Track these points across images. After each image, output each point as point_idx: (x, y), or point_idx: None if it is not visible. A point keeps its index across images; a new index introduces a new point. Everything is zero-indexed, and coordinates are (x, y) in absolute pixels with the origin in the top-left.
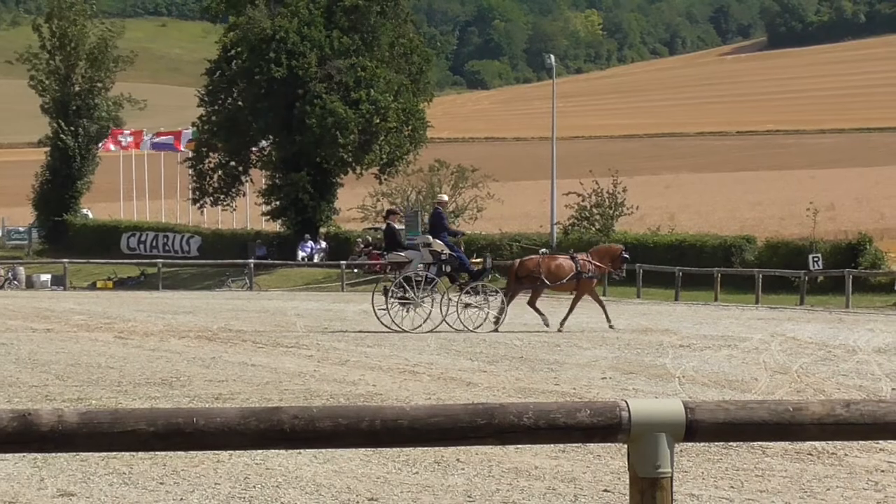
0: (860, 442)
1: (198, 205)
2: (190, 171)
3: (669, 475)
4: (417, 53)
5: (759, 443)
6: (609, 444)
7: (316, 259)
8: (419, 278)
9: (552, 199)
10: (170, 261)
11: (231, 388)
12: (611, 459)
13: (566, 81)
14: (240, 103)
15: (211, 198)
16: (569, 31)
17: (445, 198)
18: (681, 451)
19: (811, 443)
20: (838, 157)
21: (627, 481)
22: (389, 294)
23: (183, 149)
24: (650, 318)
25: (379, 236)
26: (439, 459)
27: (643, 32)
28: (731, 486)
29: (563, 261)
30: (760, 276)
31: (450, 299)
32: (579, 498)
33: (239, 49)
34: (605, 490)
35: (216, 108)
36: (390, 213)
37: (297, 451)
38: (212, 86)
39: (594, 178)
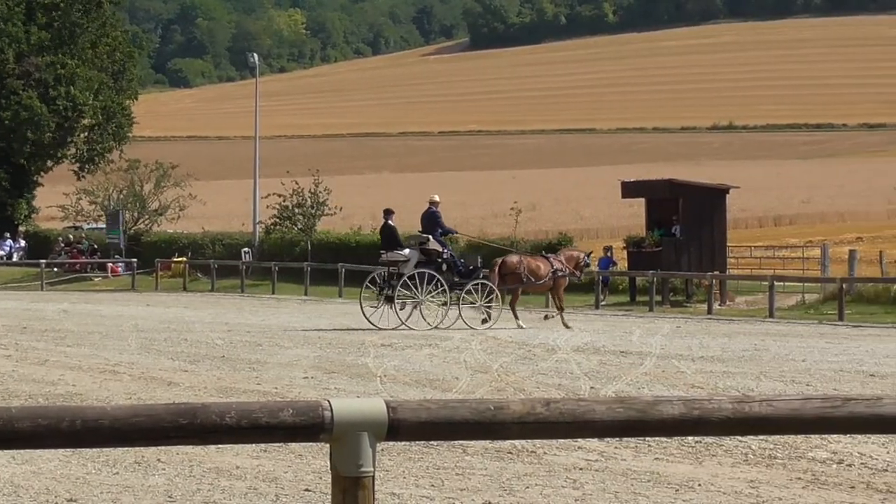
0: (559, 440)
1: None
2: None
3: (371, 474)
4: (121, 52)
5: (461, 441)
6: (312, 443)
7: (15, 258)
8: (420, 277)
9: (255, 198)
10: None
11: None
12: (313, 459)
13: (270, 80)
14: None
15: None
16: (273, 30)
17: (437, 197)
18: (383, 449)
19: (511, 441)
20: (540, 157)
21: (330, 480)
22: (387, 292)
23: None
24: (352, 317)
25: (83, 235)
26: (140, 459)
27: (347, 32)
28: (432, 485)
29: (541, 261)
30: None
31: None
32: (280, 497)
33: None
34: (307, 489)
35: None
36: (388, 211)
37: None
38: None
39: (294, 179)
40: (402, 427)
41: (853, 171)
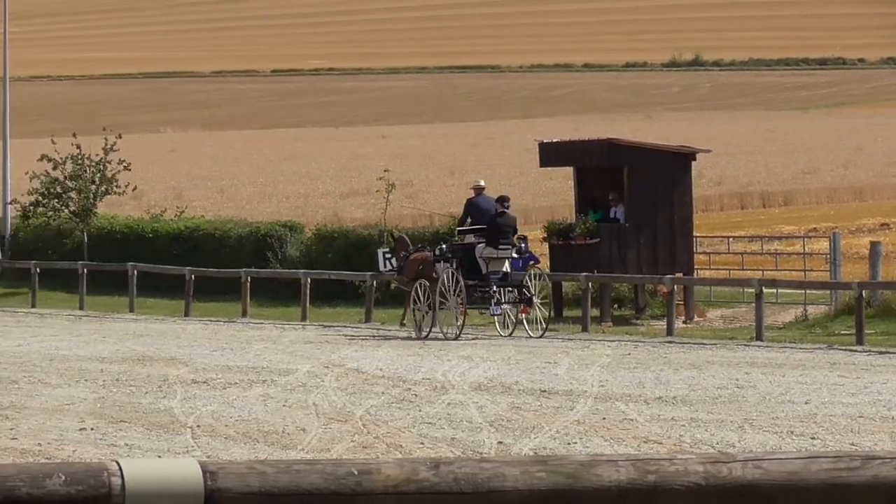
0: None
1: None
2: None
3: None
4: None
5: None
6: None
7: None
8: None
9: (4, 166)
10: None
11: None
12: None
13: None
14: None
15: None
16: None
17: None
18: None
19: None
20: (416, 108)
21: None
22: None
23: None
24: (149, 341)
25: None
26: None
27: None
28: None
29: None
30: (309, 279)
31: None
32: None
33: None
34: None
35: None
36: (505, 198)
37: None
38: None
39: (75, 142)
40: (225, 499)
41: (873, 127)
